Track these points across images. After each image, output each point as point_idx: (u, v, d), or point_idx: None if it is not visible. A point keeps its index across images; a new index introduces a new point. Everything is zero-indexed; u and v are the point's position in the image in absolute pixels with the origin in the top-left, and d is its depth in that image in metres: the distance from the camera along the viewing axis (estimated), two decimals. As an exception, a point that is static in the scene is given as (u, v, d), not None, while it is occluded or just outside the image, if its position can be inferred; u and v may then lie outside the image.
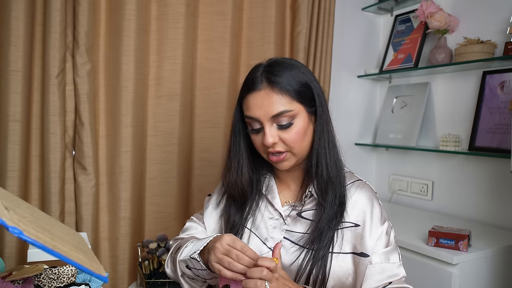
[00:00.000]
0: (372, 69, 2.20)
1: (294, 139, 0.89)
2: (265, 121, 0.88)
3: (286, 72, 0.89)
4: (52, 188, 1.40)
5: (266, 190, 1.01)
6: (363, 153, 2.28)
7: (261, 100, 0.88)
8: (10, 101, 1.34)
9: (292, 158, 0.92)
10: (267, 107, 0.87)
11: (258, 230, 0.97)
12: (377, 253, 0.90)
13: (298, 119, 0.89)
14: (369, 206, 0.93)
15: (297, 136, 0.89)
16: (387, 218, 0.95)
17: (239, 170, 0.97)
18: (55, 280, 0.93)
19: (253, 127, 0.91)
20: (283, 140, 0.89)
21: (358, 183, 0.97)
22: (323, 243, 0.89)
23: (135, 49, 1.52)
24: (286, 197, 1.00)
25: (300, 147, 0.91)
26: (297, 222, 0.95)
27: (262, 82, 0.89)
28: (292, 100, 0.88)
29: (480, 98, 1.77)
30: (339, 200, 0.92)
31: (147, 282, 1.41)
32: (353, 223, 0.92)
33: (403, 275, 0.91)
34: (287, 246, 0.93)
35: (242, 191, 0.98)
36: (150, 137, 1.64)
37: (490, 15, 1.76)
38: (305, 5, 1.84)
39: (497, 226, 1.69)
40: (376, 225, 0.91)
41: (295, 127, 0.89)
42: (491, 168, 1.74)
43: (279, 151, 0.89)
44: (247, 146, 0.98)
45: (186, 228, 1.09)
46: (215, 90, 1.73)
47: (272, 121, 0.88)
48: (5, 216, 0.54)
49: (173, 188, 1.67)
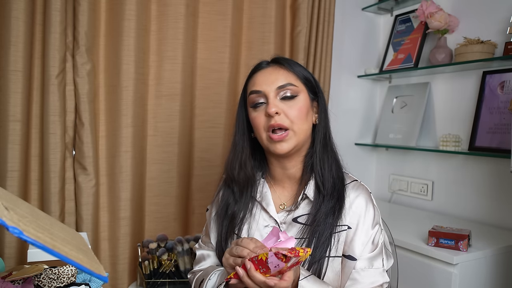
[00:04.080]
0: (372, 69, 2.20)
1: (296, 114, 0.90)
2: (270, 91, 0.91)
3: (292, 61, 0.97)
4: (52, 188, 1.40)
5: (260, 197, 1.00)
6: (363, 153, 2.28)
7: (268, 74, 0.93)
8: (10, 101, 1.34)
9: (293, 138, 0.91)
10: (274, 79, 0.92)
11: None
12: (362, 258, 0.89)
13: (301, 97, 0.92)
14: (363, 209, 0.93)
15: (299, 112, 0.91)
16: (379, 221, 0.95)
17: (243, 155, 0.98)
18: (55, 280, 0.93)
19: (256, 101, 0.92)
20: (286, 113, 0.90)
21: (354, 184, 0.96)
22: (320, 242, 0.89)
23: (135, 49, 1.52)
24: (281, 200, 0.99)
25: (301, 127, 0.91)
26: (293, 227, 0.94)
27: (269, 63, 0.97)
28: (297, 79, 0.93)
29: (480, 98, 1.77)
30: (338, 193, 0.92)
31: (147, 282, 1.41)
32: (347, 226, 0.92)
33: (383, 281, 0.90)
34: None
35: (246, 175, 0.98)
36: (150, 137, 1.64)
37: (490, 15, 1.76)
38: (305, 5, 1.84)
39: (497, 226, 1.69)
40: (367, 229, 0.91)
41: (298, 103, 0.91)
42: (491, 168, 1.74)
43: (281, 124, 0.89)
44: (250, 139, 0.99)
45: (198, 259, 1.08)
46: (215, 90, 1.73)
47: (277, 93, 0.91)
48: (5, 216, 0.54)
49: (173, 188, 1.67)
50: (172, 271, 1.44)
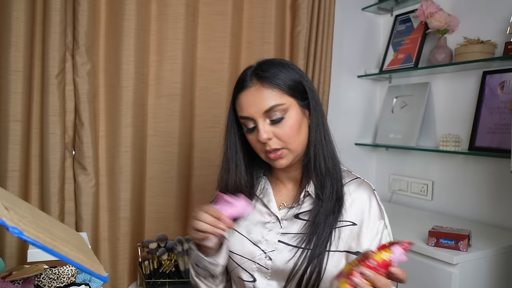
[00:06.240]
0: (372, 69, 2.20)
1: (288, 134, 0.89)
2: (258, 117, 0.88)
3: (275, 68, 0.90)
4: (52, 188, 1.40)
5: (261, 194, 1.00)
6: (363, 153, 2.28)
7: (252, 97, 0.89)
8: (10, 101, 1.34)
9: (289, 154, 0.91)
10: (258, 103, 0.88)
11: (251, 234, 0.97)
12: None
13: (291, 113, 0.89)
14: (367, 205, 0.93)
15: (291, 130, 0.89)
16: (383, 217, 0.94)
17: (237, 172, 0.97)
18: (55, 280, 0.93)
19: (248, 126, 0.91)
20: (278, 136, 0.89)
21: (357, 180, 0.96)
22: (320, 240, 0.88)
23: (135, 49, 1.52)
24: (282, 199, 1.00)
25: (295, 143, 0.90)
26: (294, 224, 0.94)
27: (252, 79, 0.90)
28: (282, 94, 0.89)
29: (480, 98, 1.77)
30: (336, 194, 0.92)
31: (147, 282, 1.41)
32: (350, 222, 0.92)
33: None
34: (281, 248, 0.92)
35: (241, 192, 0.98)
36: (150, 137, 1.64)
37: (490, 15, 1.76)
38: (305, 5, 1.84)
39: (497, 226, 1.69)
40: (373, 224, 0.91)
41: (288, 121, 0.89)
42: (491, 168, 1.74)
43: (275, 148, 0.89)
44: (243, 148, 0.98)
45: None
46: (215, 90, 1.73)
47: (265, 117, 0.88)
48: (5, 216, 0.54)
49: (173, 188, 1.67)
50: (172, 271, 1.44)
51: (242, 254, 0.95)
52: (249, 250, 0.95)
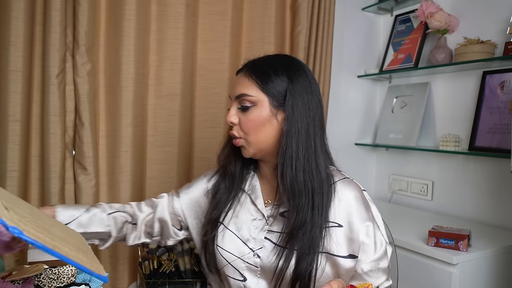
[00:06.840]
0: (372, 69, 2.20)
1: (248, 125, 0.92)
2: (232, 99, 0.95)
3: (267, 65, 0.94)
4: (52, 188, 1.40)
5: (250, 190, 1.01)
6: (363, 153, 2.28)
7: (236, 80, 0.97)
8: (10, 101, 1.34)
9: (248, 147, 0.94)
10: (236, 86, 0.95)
11: (241, 231, 0.97)
12: (366, 262, 0.88)
13: (258, 108, 0.91)
14: (353, 206, 0.90)
15: (251, 123, 0.91)
16: (371, 219, 0.90)
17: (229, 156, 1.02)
18: (55, 280, 0.93)
19: (228, 106, 0.97)
20: (240, 123, 0.93)
21: (344, 180, 0.94)
22: (305, 241, 0.86)
23: (135, 49, 1.52)
24: (269, 195, 1.00)
25: (254, 137, 0.92)
26: (279, 222, 0.94)
27: (245, 67, 0.98)
28: (256, 88, 0.92)
29: (480, 98, 1.77)
30: (312, 206, 0.87)
31: (147, 282, 1.41)
32: (337, 223, 0.90)
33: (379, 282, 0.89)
34: (268, 246, 0.92)
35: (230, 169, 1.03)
36: (150, 137, 1.64)
37: (490, 15, 1.76)
38: (305, 5, 1.83)
39: (497, 226, 1.69)
40: (359, 227, 0.88)
41: (252, 114, 0.91)
42: (491, 168, 1.74)
43: (235, 135, 0.94)
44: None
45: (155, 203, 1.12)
46: (215, 90, 1.73)
47: (237, 102, 0.94)
48: (5, 216, 0.54)
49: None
50: (172, 271, 1.44)
51: (232, 251, 0.96)
52: (238, 248, 0.95)
